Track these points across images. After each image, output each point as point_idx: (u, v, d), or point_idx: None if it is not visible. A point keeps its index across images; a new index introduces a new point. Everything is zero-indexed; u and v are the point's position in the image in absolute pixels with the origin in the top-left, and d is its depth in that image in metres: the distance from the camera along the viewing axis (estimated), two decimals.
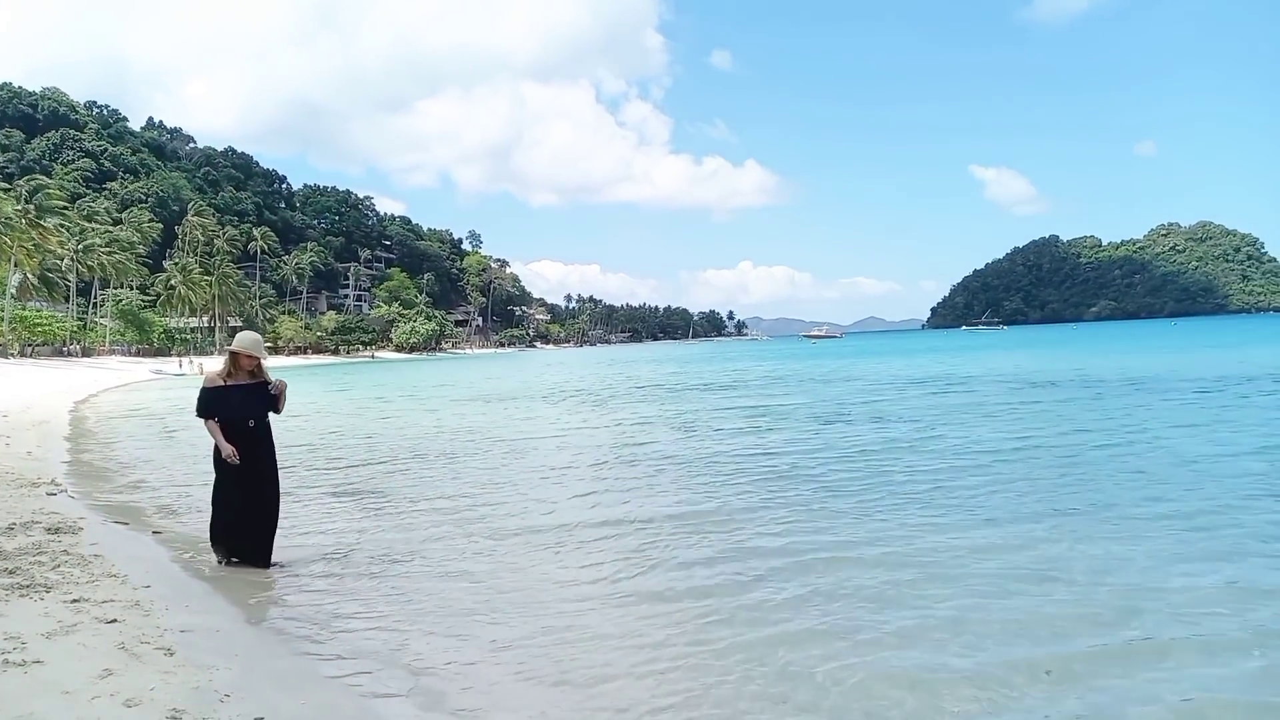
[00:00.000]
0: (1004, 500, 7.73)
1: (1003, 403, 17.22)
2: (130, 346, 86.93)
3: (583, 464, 11.27)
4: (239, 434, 5.69)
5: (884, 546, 6.17)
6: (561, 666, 4.14)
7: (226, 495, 5.77)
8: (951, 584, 5.24)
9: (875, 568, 5.63)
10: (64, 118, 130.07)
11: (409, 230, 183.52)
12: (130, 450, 14.26)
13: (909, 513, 7.33)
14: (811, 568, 5.68)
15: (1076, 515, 6.99)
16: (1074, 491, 8.04)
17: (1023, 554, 5.86)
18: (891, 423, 14.51)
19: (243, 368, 5.80)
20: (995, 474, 9.12)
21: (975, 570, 5.51)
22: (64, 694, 3.28)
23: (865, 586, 5.25)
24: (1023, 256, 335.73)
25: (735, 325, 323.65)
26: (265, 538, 5.92)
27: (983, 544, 6.16)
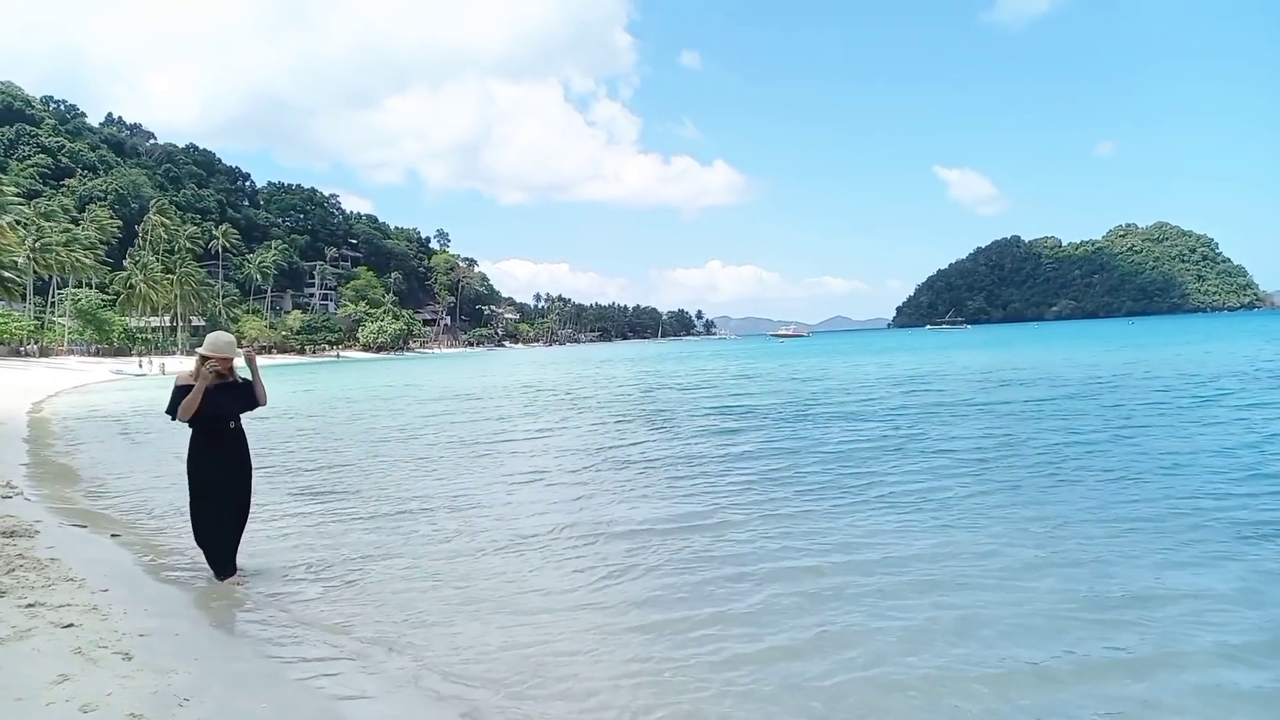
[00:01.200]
0: (995, 500, 7.64)
1: (979, 401, 17.16)
2: (89, 346, 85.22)
3: (562, 465, 11.10)
4: (219, 435, 5.54)
5: (879, 550, 6.10)
6: (540, 676, 4.07)
7: (203, 502, 5.53)
8: (953, 589, 5.15)
9: (872, 573, 5.54)
10: (19, 112, 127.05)
11: (376, 229, 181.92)
12: (90, 452, 13.99)
13: (900, 514, 7.22)
14: (806, 574, 5.55)
15: (1071, 515, 6.92)
16: (1064, 491, 7.95)
17: (1021, 555, 5.78)
18: (871, 422, 14.37)
19: (219, 369, 5.56)
20: (983, 473, 9.02)
21: (975, 574, 5.42)
22: (17, 700, 3.24)
23: (864, 592, 5.17)
24: (985, 256, 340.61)
25: (704, 324, 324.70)
26: (233, 541, 5.72)
27: (979, 546, 6.06)
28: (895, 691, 3.83)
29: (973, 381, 23.22)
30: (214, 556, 5.63)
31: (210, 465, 5.49)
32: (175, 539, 7.00)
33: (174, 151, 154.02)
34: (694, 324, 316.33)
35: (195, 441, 5.54)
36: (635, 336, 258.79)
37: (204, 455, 5.50)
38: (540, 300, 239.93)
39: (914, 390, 21.30)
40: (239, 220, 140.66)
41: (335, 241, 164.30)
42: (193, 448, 5.55)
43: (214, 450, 5.51)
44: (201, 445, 5.52)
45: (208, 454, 5.50)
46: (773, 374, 33.06)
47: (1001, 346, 53.60)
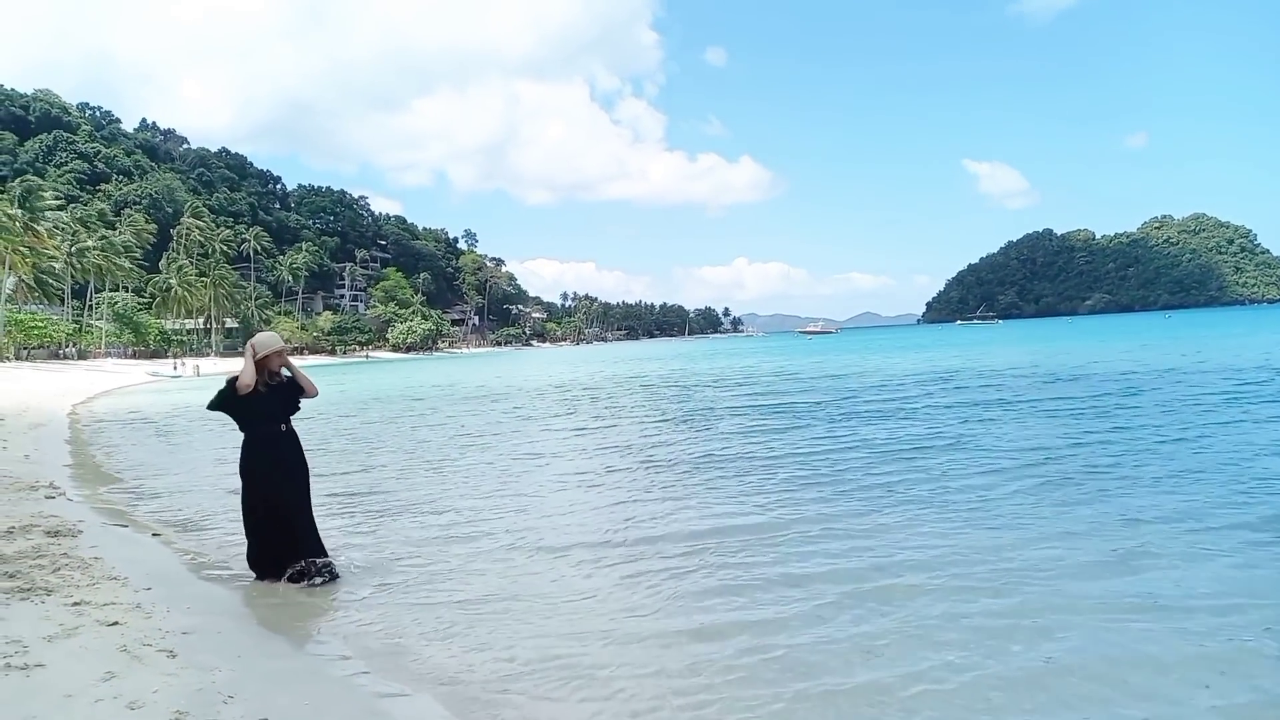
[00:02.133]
0: (1077, 509, 7.03)
1: (1029, 398, 16.57)
2: (126, 348, 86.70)
3: (603, 465, 10.88)
4: (273, 438, 5.49)
5: (942, 552, 5.78)
6: (583, 681, 3.95)
7: (257, 510, 5.49)
8: (1050, 615, 4.58)
9: (937, 576, 5.24)
10: (56, 120, 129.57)
11: (404, 229, 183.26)
12: (129, 454, 14.23)
13: (970, 524, 6.69)
14: (875, 595, 5.04)
15: (1158, 525, 6.38)
16: (1144, 497, 7.39)
17: (1120, 576, 5.22)
18: (918, 420, 14.07)
19: (276, 371, 5.55)
20: (1051, 476, 8.48)
21: (1076, 598, 4.85)
22: (66, 697, 3.29)
23: (932, 596, 4.88)
24: (1016, 250, 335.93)
25: (731, 322, 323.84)
26: (294, 543, 5.57)
27: (1071, 564, 5.51)
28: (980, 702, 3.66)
29: (1018, 377, 22.71)
30: (272, 558, 5.55)
31: (265, 468, 5.45)
32: (213, 539, 7.10)
33: (206, 155, 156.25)
34: (721, 321, 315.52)
35: (248, 446, 5.49)
36: (662, 335, 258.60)
37: (258, 458, 5.46)
38: (567, 299, 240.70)
39: (957, 387, 20.84)
40: (270, 223, 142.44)
41: (364, 243, 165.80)
42: (246, 452, 5.50)
43: (269, 453, 5.47)
44: (255, 449, 5.47)
45: (262, 457, 5.45)
46: (809, 371, 32.72)
47: (1038, 341, 52.80)
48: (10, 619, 4.22)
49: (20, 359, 62.69)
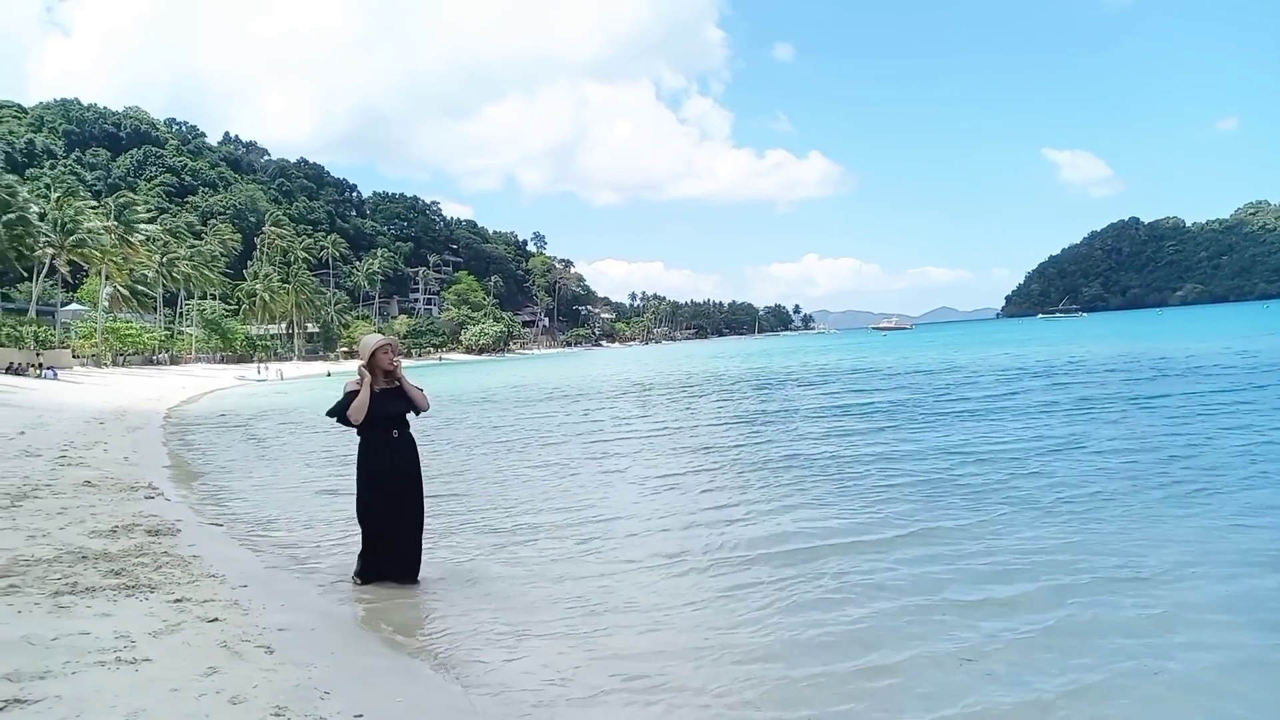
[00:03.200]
0: (1199, 512, 6.61)
1: (1135, 395, 15.76)
2: (214, 353, 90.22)
3: (686, 469, 10.52)
4: (390, 440, 5.46)
5: (1071, 573, 5.22)
6: (670, 712, 3.72)
7: (373, 511, 5.48)
8: (1189, 629, 4.26)
9: (1079, 606, 4.67)
10: (146, 135, 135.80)
11: (475, 234, 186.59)
12: (220, 454, 14.78)
13: (1083, 529, 6.25)
14: (988, 608, 4.69)
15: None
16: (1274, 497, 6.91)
17: (1261, 578, 4.92)
18: (1016, 419, 13.47)
19: (386, 367, 5.44)
20: (1167, 477, 7.94)
21: (1214, 609, 4.52)
22: (172, 691, 3.38)
23: (1081, 631, 4.30)
24: (1101, 240, 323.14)
25: (802, 319, 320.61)
26: (414, 553, 5.62)
27: (1201, 572, 5.15)
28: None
29: (1114, 372, 21.77)
30: (387, 558, 5.52)
31: (380, 473, 5.43)
32: (301, 538, 7.29)
33: (286, 166, 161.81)
34: (791, 319, 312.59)
35: (366, 447, 5.49)
36: (731, 333, 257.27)
37: (375, 459, 5.44)
38: (635, 299, 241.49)
39: (1051, 383, 19.92)
40: (347, 230, 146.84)
41: (437, 248, 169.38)
42: (363, 453, 5.50)
43: (386, 454, 5.44)
44: (373, 450, 5.46)
45: (379, 458, 5.44)
46: (890, 368, 31.98)
47: (1130, 334, 50.72)
48: (118, 614, 4.39)
49: (117, 365, 65.78)
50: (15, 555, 5.62)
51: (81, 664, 3.59)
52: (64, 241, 60.79)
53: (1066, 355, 31.68)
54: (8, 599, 4.55)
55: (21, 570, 5.22)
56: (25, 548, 5.88)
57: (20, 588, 4.80)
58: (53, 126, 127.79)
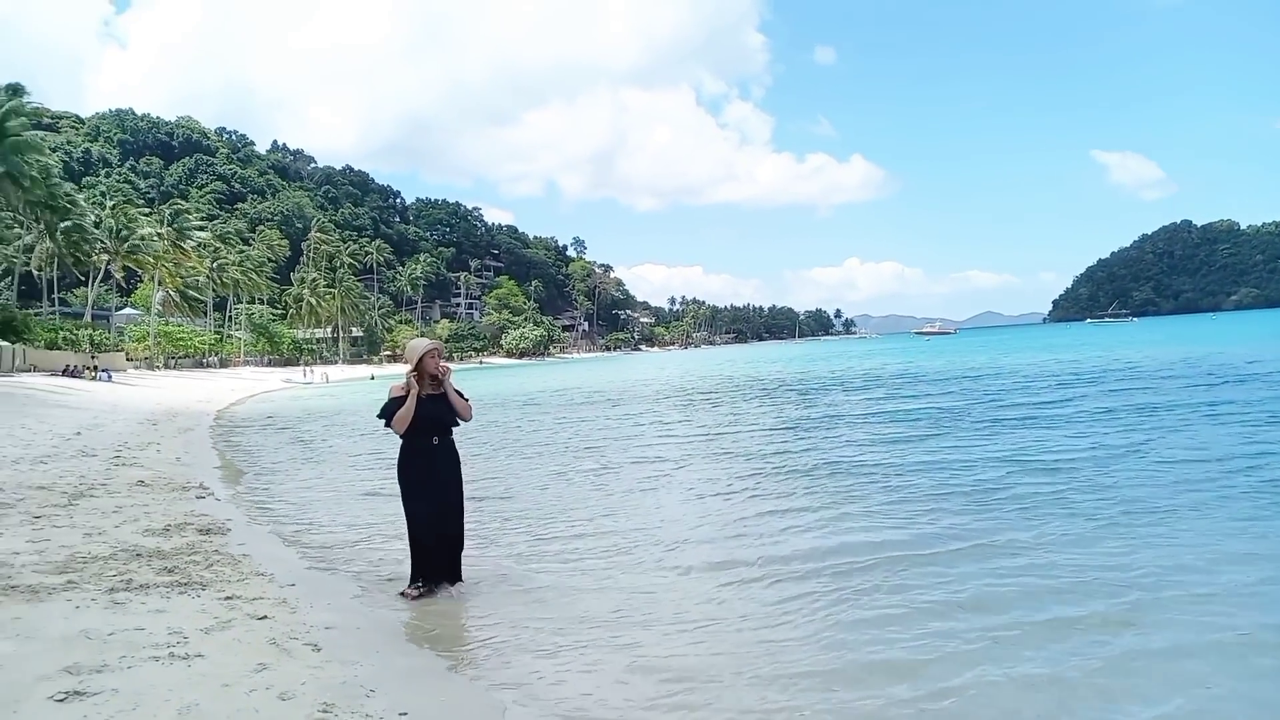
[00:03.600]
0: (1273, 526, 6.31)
1: (1193, 402, 15.32)
2: (262, 357, 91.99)
3: (731, 475, 10.28)
4: (421, 451, 5.42)
5: (1142, 590, 4.98)
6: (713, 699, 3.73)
7: (418, 524, 5.43)
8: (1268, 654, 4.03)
9: (1141, 612, 4.55)
10: (197, 144, 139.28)
11: (516, 239, 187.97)
12: (268, 456, 15.07)
13: (1151, 543, 5.99)
14: (1050, 627, 4.45)
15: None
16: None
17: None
18: (1072, 426, 13.03)
19: (432, 371, 5.43)
20: (1235, 489, 7.68)
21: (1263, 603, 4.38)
22: (223, 686, 3.47)
23: (1166, 655, 4.07)
24: (1152, 244, 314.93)
25: (843, 323, 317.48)
26: (455, 556, 5.62)
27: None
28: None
29: (1171, 379, 21.08)
30: (434, 565, 5.48)
31: (420, 479, 5.41)
32: (347, 539, 7.39)
33: (332, 173, 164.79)
34: (832, 323, 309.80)
35: (407, 451, 5.47)
36: (771, 337, 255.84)
37: (415, 466, 5.42)
38: (675, 303, 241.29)
39: (1106, 390, 19.32)
40: (390, 235, 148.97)
41: (478, 253, 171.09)
42: (405, 457, 5.48)
43: (425, 461, 5.41)
44: (413, 457, 5.43)
45: (419, 464, 5.41)
46: (936, 373, 31.48)
47: (1185, 339, 49.20)
48: (171, 611, 4.51)
49: (168, 367, 67.45)
50: (73, 552, 5.80)
51: (137, 658, 3.69)
52: (119, 248, 62.55)
53: (1120, 360, 30.94)
54: (66, 595, 4.69)
55: (79, 567, 5.38)
56: (83, 545, 6.06)
57: (78, 584, 4.95)
58: (108, 136, 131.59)
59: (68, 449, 13.11)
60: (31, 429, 15.69)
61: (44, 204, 50.61)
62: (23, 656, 3.63)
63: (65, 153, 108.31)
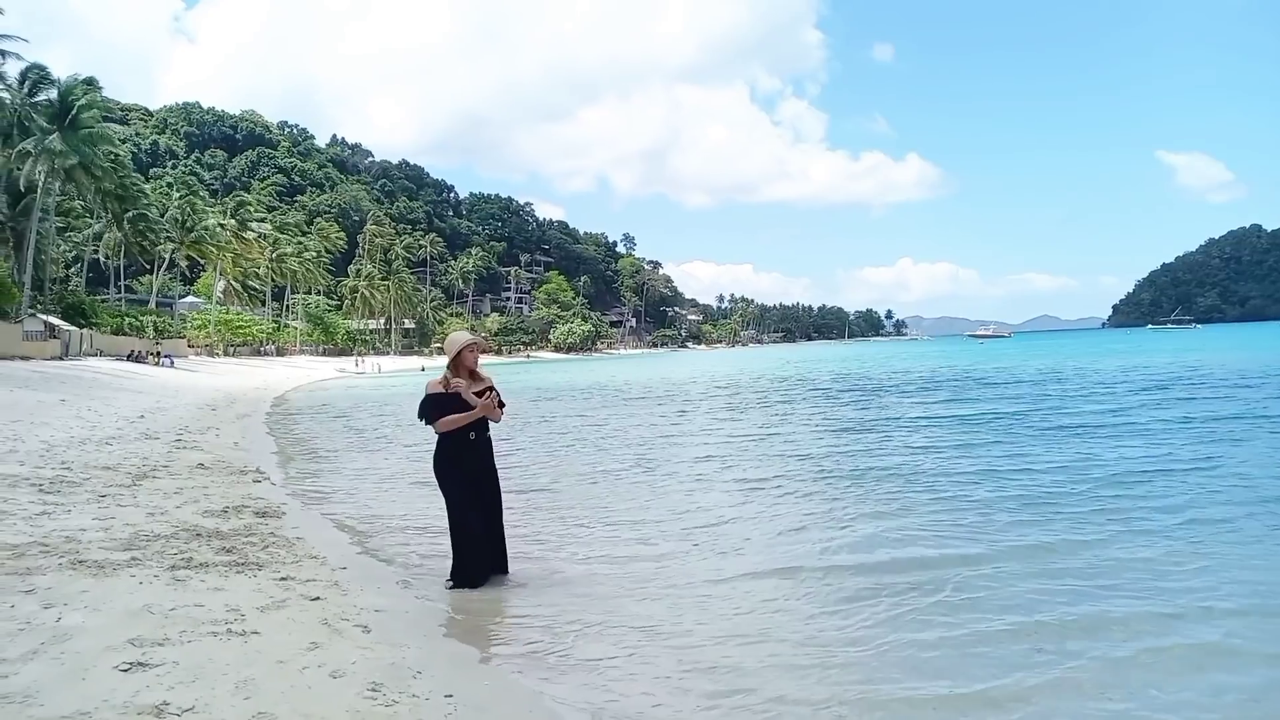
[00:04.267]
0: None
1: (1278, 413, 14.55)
2: (317, 346, 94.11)
3: (784, 476, 9.92)
4: (460, 447, 5.35)
5: (1240, 618, 4.62)
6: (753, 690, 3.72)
7: (466, 518, 5.35)
8: None
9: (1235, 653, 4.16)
10: (260, 137, 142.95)
11: (566, 234, 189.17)
12: (321, 443, 15.43)
13: (1241, 564, 5.64)
14: (1141, 657, 4.15)
15: None
16: None
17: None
18: (1145, 436, 12.53)
19: (471, 366, 5.40)
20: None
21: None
22: (278, 663, 3.59)
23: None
24: (1218, 248, 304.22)
25: (894, 325, 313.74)
26: (500, 548, 5.61)
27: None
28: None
29: (1248, 388, 20.27)
30: (478, 558, 5.41)
31: (463, 470, 5.36)
32: (396, 525, 7.55)
33: (389, 167, 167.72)
34: (883, 324, 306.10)
35: (444, 449, 5.38)
36: (820, 337, 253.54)
37: (456, 461, 5.36)
38: (723, 301, 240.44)
39: (1178, 398, 18.55)
40: (444, 229, 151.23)
41: (529, 248, 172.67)
42: (442, 452, 5.39)
43: (466, 455, 5.35)
44: (451, 452, 5.36)
45: (457, 461, 5.35)
46: (996, 376, 30.80)
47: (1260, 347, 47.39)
48: (229, 589, 4.66)
49: (227, 354, 69.34)
50: (137, 530, 6.03)
51: (196, 634, 3.83)
52: (184, 237, 64.50)
53: (1188, 367, 29.90)
54: (131, 571, 4.88)
55: (142, 545, 5.59)
56: (145, 524, 6.29)
57: (141, 561, 5.14)
58: (175, 129, 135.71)
59: (132, 431, 13.59)
60: (98, 411, 16.29)
61: (114, 194, 52.51)
62: (90, 628, 3.80)
63: (134, 144, 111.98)
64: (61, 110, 44.73)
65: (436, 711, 3.29)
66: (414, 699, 3.36)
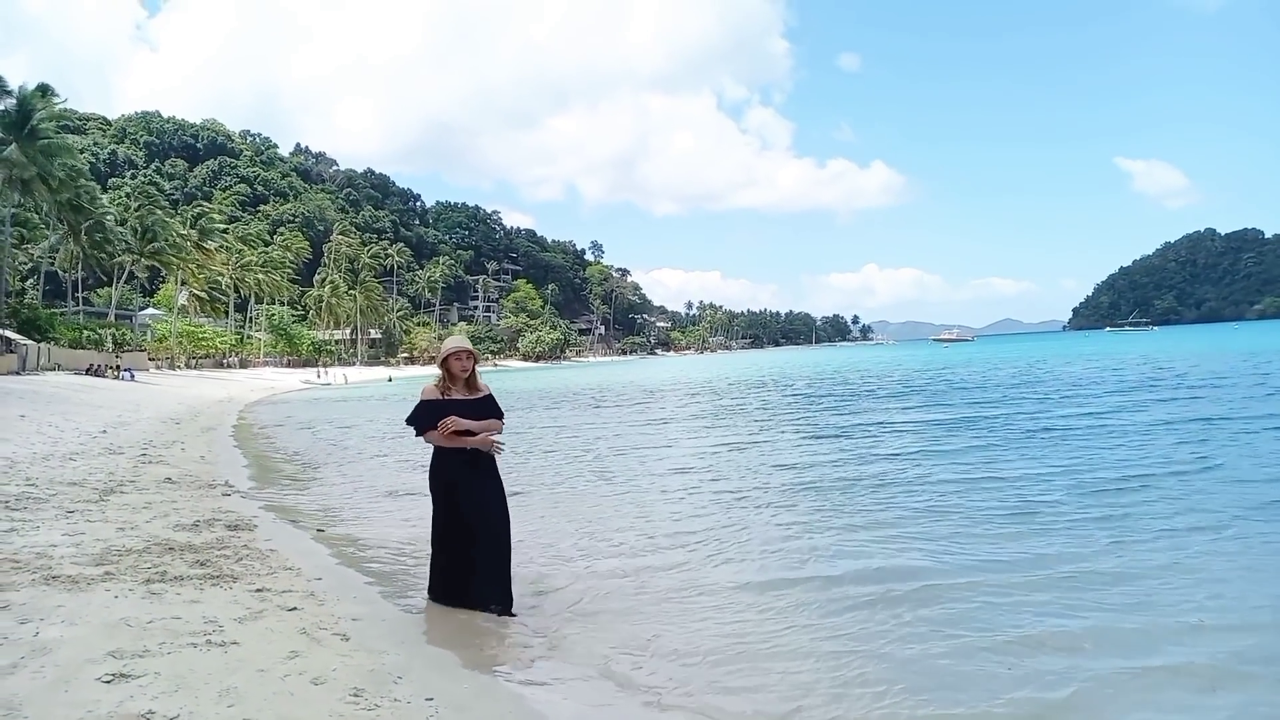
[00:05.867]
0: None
1: (1258, 413, 14.61)
2: (282, 357, 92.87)
3: (766, 487, 9.65)
4: (455, 461, 4.95)
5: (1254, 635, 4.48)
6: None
7: (446, 536, 5.03)
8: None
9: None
10: (221, 146, 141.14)
11: (534, 242, 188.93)
12: (289, 454, 15.31)
13: (1247, 573, 5.52)
14: (1150, 674, 4.04)
15: None
16: None
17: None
18: (1127, 437, 12.39)
19: (457, 374, 4.99)
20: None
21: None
22: (259, 671, 3.64)
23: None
24: (1175, 251, 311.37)
25: (860, 330, 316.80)
26: (502, 581, 5.09)
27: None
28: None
29: (1223, 387, 20.51)
30: (446, 585, 5.09)
31: (454, 487, 4.96)
32: (369, 535, 7.58)
33: (353, 176, 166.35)
34: (849, 329, 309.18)
35: (439, 463, 5.02)
36: (788, 343, 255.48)
37: (448, 476, 4.98)
38: (691, 308, 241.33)
39: (1156, 399, 18.49)
40: (410, 238, 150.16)
41: (497, 256, 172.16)
42: (436, 468, 5.04)
43: (459, 471, 4.95)
44: (445, 466, 4.98)
45: (451, 474, 4.97)
46: (970, 380, 30.84)
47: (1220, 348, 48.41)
48: (205, 601, 4.69)
49: (189, 367, 68.23)
50: (108, 545, 6.00)
51: (176, 645, 3.87)
52: (142, 248, 63.39)
53: (1162, 371, 29.73)
54: (105, 585, 4.88)
55: (115, 559, 5.58)
56: (116, 539, 6.26)
57: (115, 575, 5.14)
58: (134, 138, 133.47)
59: (95, 446, 13.39)
60: (59, 426, 16.00)
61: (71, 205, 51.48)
62: (69, 640, 3.81)
63: (92, 154, 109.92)
64: (19, 119, 43.83)
65: (418, 713, 3.37)
66: (396, 703, 3.44)
